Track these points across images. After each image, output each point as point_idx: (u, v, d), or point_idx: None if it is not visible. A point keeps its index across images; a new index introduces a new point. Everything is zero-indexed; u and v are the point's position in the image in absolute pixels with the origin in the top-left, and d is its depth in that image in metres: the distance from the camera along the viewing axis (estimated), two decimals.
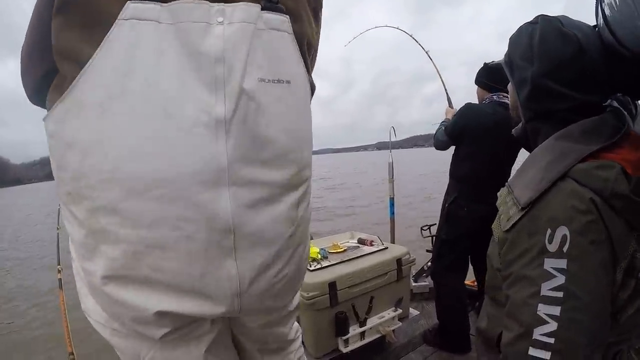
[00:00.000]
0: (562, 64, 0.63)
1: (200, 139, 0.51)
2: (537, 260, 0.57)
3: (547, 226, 0.56)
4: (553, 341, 0.54)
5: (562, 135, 0.63)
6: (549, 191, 0.58)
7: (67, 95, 0.49)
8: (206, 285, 0.55)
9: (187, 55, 0.50)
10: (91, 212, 0.51)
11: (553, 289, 0.55)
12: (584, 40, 0.62)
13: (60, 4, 0.48)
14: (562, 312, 0.54)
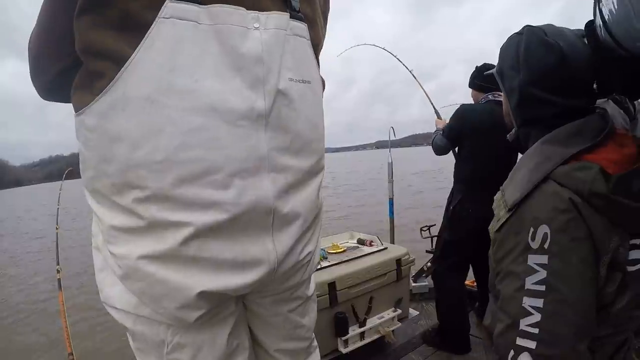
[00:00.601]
0: (546, 73, 0.67)
1: (244, 131, 0.56)
2: (521, 256, 0.61)
3: (530, 225, 0.61)
4: (537, 331, 0.58)
5: (547, 139, 0.67)
6: (532, 193, 0.62)
7: (109, 91, 0.51)
8: (247, 261, 0.60)
9: (227, 55, 0.54)
10: (141, 201, 0.54)
11: (536, 282, 0.59)
12: (567, 48, 0.65)
13: (85, 5, 0.50)
14: (544, 304, 0.58)
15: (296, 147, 0.64)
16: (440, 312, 1.93)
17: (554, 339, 0.58)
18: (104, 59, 0.51)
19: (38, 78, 0.66)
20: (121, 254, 0.57)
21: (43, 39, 0.60)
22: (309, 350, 0.87)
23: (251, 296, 0.73)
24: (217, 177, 0.54)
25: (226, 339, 0.67)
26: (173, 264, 0.56)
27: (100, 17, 0.50)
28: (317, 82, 0.69)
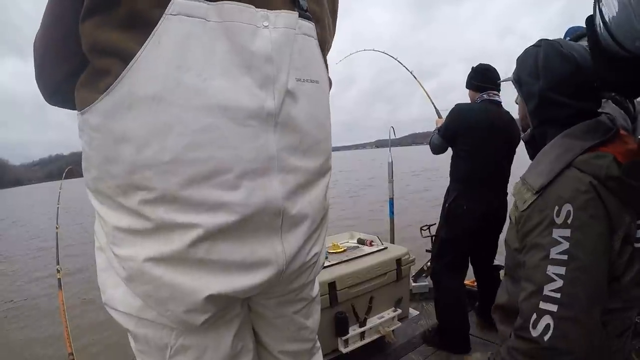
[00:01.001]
0: (564, 79, 0.79)
1: (253, 130, 0.55)
2: (546, 230, 0.71)
3: (555, 204, 0.71)
4: (559, 295, 0.67)
5: (567, 134, 0.77)
6: (557, 178, 0.73)
7: (115, 89, 0.49)
8: (255, 262, 0.59)
9: (237, 53, 0.53)
10: (147, 202, 0.52)
11: (560, 253, 0.68)
12: (580, 59, 0.77)
13: (93, 7, 0.49)
14: (567, 272, 0.67)
15: (305, 147, 0.63)
16: (438, 312, 1.93)
17: (573, 302, 0.67)
18: (110, 55, 0.50)
19: (43, 80, 0.64)
20: (126, 255, 0.55)
21: (48, 38, 0.58)
22: (312, 352, 0.86)
23: (256, 298, 0.71)
24: (226, 178, 0.53)
25: (231, 341, 0.65)
26: (181, 266, 0.54)
27: (108, 17, 0.49)
28: (325, 81, 0.68)
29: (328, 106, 0.70)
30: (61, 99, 0.66)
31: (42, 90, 0.66)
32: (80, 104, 0.55)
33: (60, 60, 0.59)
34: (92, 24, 0.50)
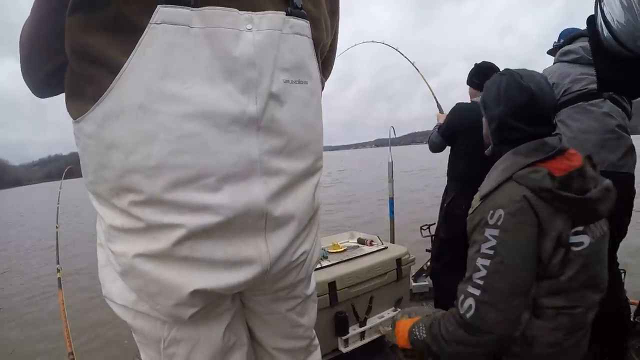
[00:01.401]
0: (519, 108, 0.92)
1: (235, 136, 0.56)
2: (481, 229, 0.86)
3: (491, 208, 0.85)
4: (482, 283, 0.83)
5: (514, 151, 0.92)
6: (498, 187, 0.88)
7: (105, 98, 0.52)
8: (240, 260, 0.61)
9: (219, 59, 0.54)
10: (136, 204, 0.55)
11: (488, 248, 0.84)
12: (536, 90, 0.89)
13: (79, 3, 0.50)
14: (490, 264, 0.83)
15: (291, 149, 0.64)
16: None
17: (492, 289, 0.82)
18: (97, 65, 0.52)
19: (30, 75, 0.66)
20: (119, 252, 0.59)
21: (35, 35, 0.60)
22: (309, 350, 0.87)
23: (248, 294, 0.74)
24: (208, 182, 0.55)
25: (222, 334, 0.68)
26: (168, 263, 0.57)
27: (93, 17, 0.50)
28: (316, 81, 0.68)
29: (319, 106, 0.70)
30: (48, 91, 0.69)
31: (29, 84, 0.68)
32: (73, 113, 0.57)
33: (45, 57, 0.61)
34: (77, 22, 0.51)
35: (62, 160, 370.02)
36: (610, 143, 1.45)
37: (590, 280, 0.86)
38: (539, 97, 0.89)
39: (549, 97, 0.91)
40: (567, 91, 1.54)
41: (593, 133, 1.47)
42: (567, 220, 0.82)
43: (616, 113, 1.46)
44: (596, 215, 0.86)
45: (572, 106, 1.53)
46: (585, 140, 1.48)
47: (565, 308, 0.84)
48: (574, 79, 1.53)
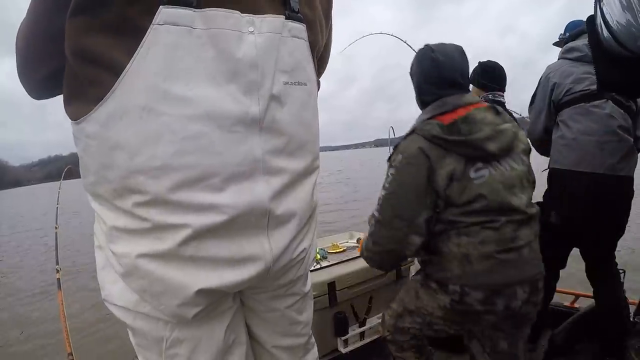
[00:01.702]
0: (428, 74, 1.14)
1: (239, 136, 0.57)
2: (388, 169, 1.10)
3: (396, 154, 1.09)
4: (379, 207, 1.09)
5: (423, 111, 1.15)
6: (405, 138, 1.10)
7: (108, 99, 0.51)
8: (244, 258, 0.62)
9: (222, 60, 0.54)
10: (140, 205, 0.55)
11: (386, 182, 1.08)
12: (443, 59, 1.11)
13: (82, 5, 0.50)
14: (384, 194, 1.08)
15: (291, 149, 0.65)
16: None
17: (383, 212, 1.08)
18: (99, 66, 0.51)
19: (26, 76, 0.65)
20: (122, 252, 0.59)
21: (31, 36, 0.59)
22: (307, 347, 0.87)
23: (248, 292, 0.75)
24: (213, 181, 0.56)
25: (224, 333, 0.68)
26: (173, 262, 0.57)
27: (96, 20, 0.50)
28: (313, 83, 0.70)
29: (316, 107, 0.72)
30: (44, 93, 0.69)
31: (25, 85, 0.67)
32: (73, 115, 0.56)
33: (42, 59, 0.62)
34: (80, 25, 0.50)
35: (62, 161, 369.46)
36: (610, 146, 1.45)
37: (501, 204, 1.03)
38: (444, 65, 1.11)
39: (456, 64, 1.12)
40: (570, 91, 1.53)
41: (593, 135, 1.46)
42: (458, 158, 1.02)
43: (618, 114, 1.46)
44: (487, 152, 1.02)
45: (574, 107, 1.52)
46: (585, 142, 1.48)
47: (485, 222, 1.02)
48: (576, 79, 1.52)
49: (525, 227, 1.06)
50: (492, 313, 1.05)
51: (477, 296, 1.03)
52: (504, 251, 1.02)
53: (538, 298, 1.10)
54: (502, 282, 1.03)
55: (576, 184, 1.51)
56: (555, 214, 1.58)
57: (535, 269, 1.08)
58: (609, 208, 1.49)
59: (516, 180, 1.07)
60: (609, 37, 0.56)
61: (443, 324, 1.15)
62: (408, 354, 1.30)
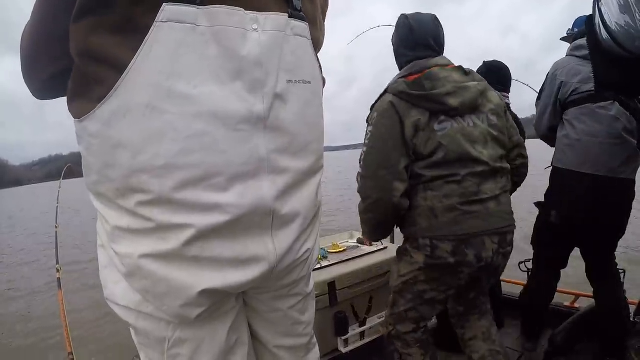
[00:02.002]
0: (403, 38, 1.27)
1: (244, 134, 0.57)
2: (366, 129, 1.21)
3: (372, 113, 1.22)
4: (362, 162, 1.19)
5: (398, 74, 1.26)
6: (380, 98, 1.22)
7: (111, 97, 0.51)
8: (248, 259, 0.61)
9: (226, 58, 0.54)
10: (144, 204, 0.54)
11: (366, 139, 1.20)
12: (416, 26, 1.23)
13: (86, 8, 0.50)
14: (365, 149, 1.19)
15: (295, 148, 0.64)
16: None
17: (365, 166, 1.18)
18: (104, 64, 0.51)
19: (31, 78, 0.65)
20: (125, 252, 0.58)
21: (36, 36, 0.59)
22: (308, 347, 0.87)
23: (251, 292, 0.74)
24: (217, 181, 0.55)
25: (226, 333, 0.68)
26: (176, 263, 0.57)
27: (101, 20, 0.50)
28: (318, 81, 0.69)
29: (321, 106, 0.71)
30: (48, 94, 0.68)
31: (29, 86, 0.67)
32: (77, 113, 0.56)
33: (47, 60, 0.61)
34: (85, 26, 0.50)
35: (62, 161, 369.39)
36: (613, 149, 1.44)
37: (461, 155, 1.11)
38: (417, 30, 1.23)
39: (428, 29, 1.23)
40: (576, 91, 1.52)
41: (597, 137, 1.46)
42: (422, 111, 1.13)
43: (623, 116, 1.45)
44: (448, 107, 1.12)
45: (579, 107, 1.51)
46: (589, 143, 1.47)
47: (448, 177, 1.11)
48: (583, 79, 1.50)
49: (489, 181, 1.14)
50: (466, 265, 1.13)
51: (446, 248, 1.11)
52: (467, 203, 1.11)
53: (508, 250, 1.20)
54: (468, 232, 1.10)
55: (578, 185, 1.51)
56: (555, 214, 1.59)
57: (502, 222, 1.15)
58: (609, 210, 1.49)
59: (479, 136, 1.15)
60: (608, 37, 0.56)
61: (430, 289, 1.21)
62: (414, 350, 1.34)
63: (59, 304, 1.89)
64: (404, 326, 1.31)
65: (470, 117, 1.17)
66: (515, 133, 1.30)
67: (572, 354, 1.68)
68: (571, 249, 1.69)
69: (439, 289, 1.21)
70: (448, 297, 1.26)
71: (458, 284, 1.20)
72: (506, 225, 1.16)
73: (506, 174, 1.21)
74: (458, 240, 1.11)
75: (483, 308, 1.39)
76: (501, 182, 1.18)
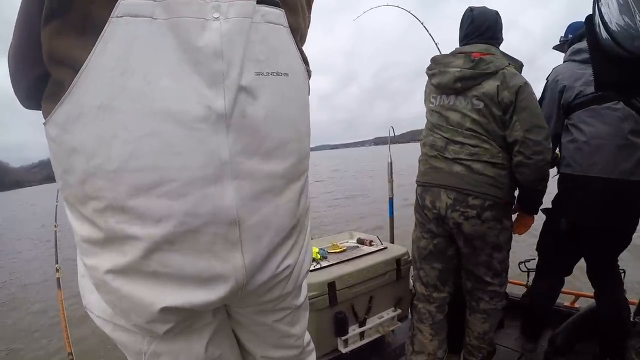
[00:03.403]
0: (463, 25, 1.47)
1: (202, 134, 0.52)
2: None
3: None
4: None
5: None
6: None
7: (65, 100, 0.49)
8: (212, 277, 0.56)
9: (184, 50, 0.50)
10: (99, 212, 0.52)
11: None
12: (476, 14, 1.43)
13: (49, 12, 0.48)
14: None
15: (267, 148, 0.58)
16: None
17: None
18: (64, 66, 0.50)
19: (17, 86, 0.63)
20: (90, 265, 0.57)
21: (17, 46, 0.58)
22: (300, 357, 0.83)
23: (232, 306, 0.71)
24: (172, 187, 0.51)
25: (204, 348, 0.65)
26: (137, 278, 0.54)
27: (63, 22, 0.48)
28: (297, 73, 0.63)
29: (303, 100, 0.65)
30: (32, 102, 0.65)
31: (18, 96, 0.65)
32: (44, 115, 0.54)
33: (28, 68, 0.58)
34: (49, 31, 0.49)
35: None
36: (622, 150, 1.41)
37: (434, 125, 1.49)
38: (476, 19, 1.42)
39: (485, 20, 1.41)
40: (581, 94, 1.49)
41: (606, 139, 1.43)
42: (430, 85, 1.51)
43: (630, 116, 1.42)
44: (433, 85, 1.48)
45: (585, 109, 1.49)
46: (598, 146, 1.44)
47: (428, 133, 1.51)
48: (586, 81, 1.48)
49: (456, 145, 1.37)
50: (427, 208, 1.43)
51: (418, 190, 1.49)
52: (434, 158, 1.42)
53: (468, 211, 1.33)
54: (429, 182, 1.43)
55: (587, 190, 1.47)
56: (565, 221, 1.55)
57: (463, 184, 1.34)
58: (620, 215, 1.45)
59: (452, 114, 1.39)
60: (607, 37, 0.56)
61: (421, 233, 1.52)
62: (425, 327, 1.52)
63: (58, 304, 1.88)
64: (420, 287, 1.56)
65: (453, 97, 1.40)
66: (518, 129, 1.29)
67: (572, 354, 1.68)
68: (578, 257, 1.66)
69: (423, 234, 1.50)
70: (438, 252, 1.48)
71: (430, 228, 1.46)
72: (467, 188, 1.33)
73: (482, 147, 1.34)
74: (422, 186, 1.46)
75: (487, 309, 1.46)
76: (471, 150, 1.35)
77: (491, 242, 1.37)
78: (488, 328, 1.49)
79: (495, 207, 1.34)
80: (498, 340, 1.86)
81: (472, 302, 1.50)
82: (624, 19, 0.52)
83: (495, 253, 1.40)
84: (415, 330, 1.56)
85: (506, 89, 1.30)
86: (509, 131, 1.32)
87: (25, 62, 0.58)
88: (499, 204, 1.34)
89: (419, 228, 1.53)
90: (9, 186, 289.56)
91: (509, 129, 1.32)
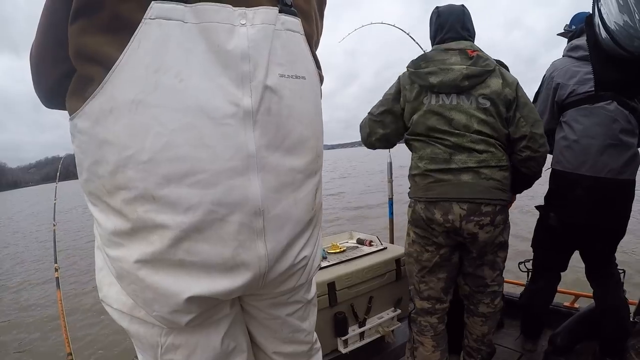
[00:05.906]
0: (432, 22, 1.45)
1: (230, 129, 0.55)
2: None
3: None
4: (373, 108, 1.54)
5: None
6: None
7: (98, 94, 0.52)
8: (236, 265, 0.59)
9: (213, 53, 0.54)
10: (128, 202, 0.54)
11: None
12: (442, 10, 1.42)
13: (79, 10, 0.51)
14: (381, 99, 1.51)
15: (289, 145, 0.62)
16: None
17: (373, 109, 1.51)
18: (94, 63, 0.52)
19: (40, 85, 0.67)
20: (114, 256, 0.58)
21: (42, 45, 0.60)
22: (310, 354, 0.86)
23: (247, 298, 0.73)
24: (202, 177, 0.54)
25: (220, 340, 0.67)
26: (163, 267, 0.56)
27: (92, 21, 0.51)
28: (314, 77, 0.68)
29: (318, 103, 0.70)
30: (57, 101, 0.68)
31: (40, 95, 0.68)
32: (70, 110, 0.57)
33: (53, 65, 0.62)
34: (77, 28, 0.52)
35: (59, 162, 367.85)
36: (612, 149, 1.43)
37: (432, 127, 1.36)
38: (442, 15, 1.40)
39: (452, 16, 1.38)
40: (573, 93, 1.51)
41: (596, 138, 1.45)
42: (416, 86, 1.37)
43: (622, 116, 1.43)
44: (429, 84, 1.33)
45: (577, 108, 1.51)
46: (588, 145, 1.46)
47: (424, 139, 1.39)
48: (580, 80, 1.50)
49: (463, 153, 1.29)
50: (436, 223, 1.31)
51: (420, 205, 1.35)
52: (439, 171, 1.30)
53: (482, 219, 1.27)
54: (437, 196, 1.30)
55: (577, 187, 1.50)
56: (554, 217, 1.58)
57: (476, 194, 1.27)
58: (609, 212, 1.48)
59: (457, 114, 1.30)
60: (607, 37, 0.56)
61: (423, 247, 1.40)
62: (427, 339, 1.46)
63: (57, 304, 1.88)
64: (420, 302, 1.45)
65: (455, 97, 1.31)
66: (525, 125, 1.31)
67: (572, 354, 1.68)
68: (571, 252, 1.68)
69: (426, 248, 1.39)
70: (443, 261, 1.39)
71: (438, 241, 1.35)
72: (479, 197, 1.27)
73: (489, 152, 1.29)
74: (428, 201, 1.33)
75: (486, 312, 1.45)
76: (479, 157, 1.28)
77: (498, 242, 1.36)
78: (487, 330, 1.48)
79: (503, 210, 1.33)
80: (498, 340, 1.86)
81: (471, 305, 1.49)
82: (624, 18, 0.52)
83: (500, 252, 1.40)
84: (416, 343, 1.50)
85: (507, 85, 1.30)
86: (514, 128, 1.32)
87: (50, 60, 0.61)
88: (505, 206, 1.35)
89: (420, 242, 1.41)
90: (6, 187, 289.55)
91: (513, 126, 1.32)
